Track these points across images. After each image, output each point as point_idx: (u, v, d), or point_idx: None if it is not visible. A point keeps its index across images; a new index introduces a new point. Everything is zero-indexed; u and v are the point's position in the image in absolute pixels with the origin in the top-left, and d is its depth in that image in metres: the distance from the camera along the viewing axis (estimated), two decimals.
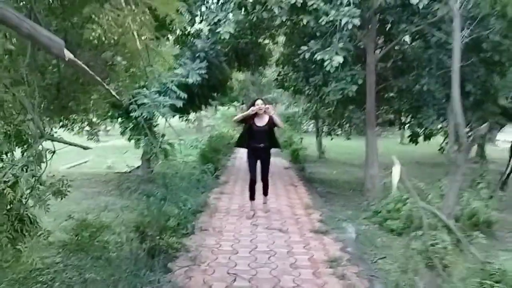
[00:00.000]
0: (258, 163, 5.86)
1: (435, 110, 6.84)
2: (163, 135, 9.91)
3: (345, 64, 6.56)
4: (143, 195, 4.80)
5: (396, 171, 3.24)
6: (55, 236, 2.89)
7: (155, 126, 9.61)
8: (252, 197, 6.01)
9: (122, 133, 7.30)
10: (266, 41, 10.21)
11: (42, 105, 2.62)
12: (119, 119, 7.26)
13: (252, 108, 5.65)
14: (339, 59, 6.00)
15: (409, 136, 8.89)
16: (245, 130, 5.86)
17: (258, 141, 5.67)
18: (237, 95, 23.27)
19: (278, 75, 9.32)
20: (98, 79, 1.97)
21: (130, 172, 9.86)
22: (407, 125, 8.27)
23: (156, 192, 4.29)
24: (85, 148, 2.45)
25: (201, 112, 24.63)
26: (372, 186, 7.96)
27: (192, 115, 21.31)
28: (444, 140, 9.36)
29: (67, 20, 2.58)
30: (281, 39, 11.30)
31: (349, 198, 8.01)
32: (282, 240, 4.77)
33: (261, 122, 5.70)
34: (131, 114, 6.08)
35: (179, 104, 6.29)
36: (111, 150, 15.07)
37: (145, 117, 5.97)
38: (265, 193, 6.13)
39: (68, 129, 3.24)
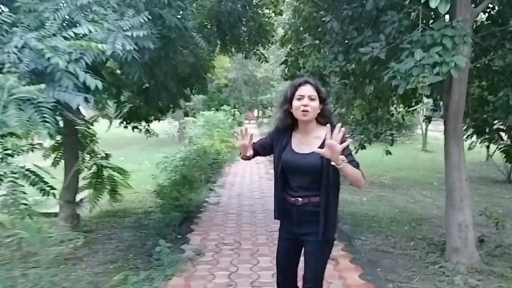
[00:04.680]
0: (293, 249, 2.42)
1: None
2: (106, 156, 6.38)
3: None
4: None
5: None
6: None
7: (92, 140, 6.10)
8: None
9: None
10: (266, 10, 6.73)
11: None
12: None
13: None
14: None
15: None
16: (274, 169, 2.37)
17: (295, 189, 2.26)
18: (227, 97, 19.67)
19: (287, 55, 5.70)
20: None
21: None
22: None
23: None
24: None
25: (185, 118, 21.08)
26: (463, 245, 4.48)
27: (169, 122, 17.22)
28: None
29: None
30: (285, 15, 7.84)
31: (420, 264, 4.49)
32: None
33: (307, 144, 2.25)
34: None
35: (75, 102, 2.70)
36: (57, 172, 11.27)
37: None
38: None
39: None
